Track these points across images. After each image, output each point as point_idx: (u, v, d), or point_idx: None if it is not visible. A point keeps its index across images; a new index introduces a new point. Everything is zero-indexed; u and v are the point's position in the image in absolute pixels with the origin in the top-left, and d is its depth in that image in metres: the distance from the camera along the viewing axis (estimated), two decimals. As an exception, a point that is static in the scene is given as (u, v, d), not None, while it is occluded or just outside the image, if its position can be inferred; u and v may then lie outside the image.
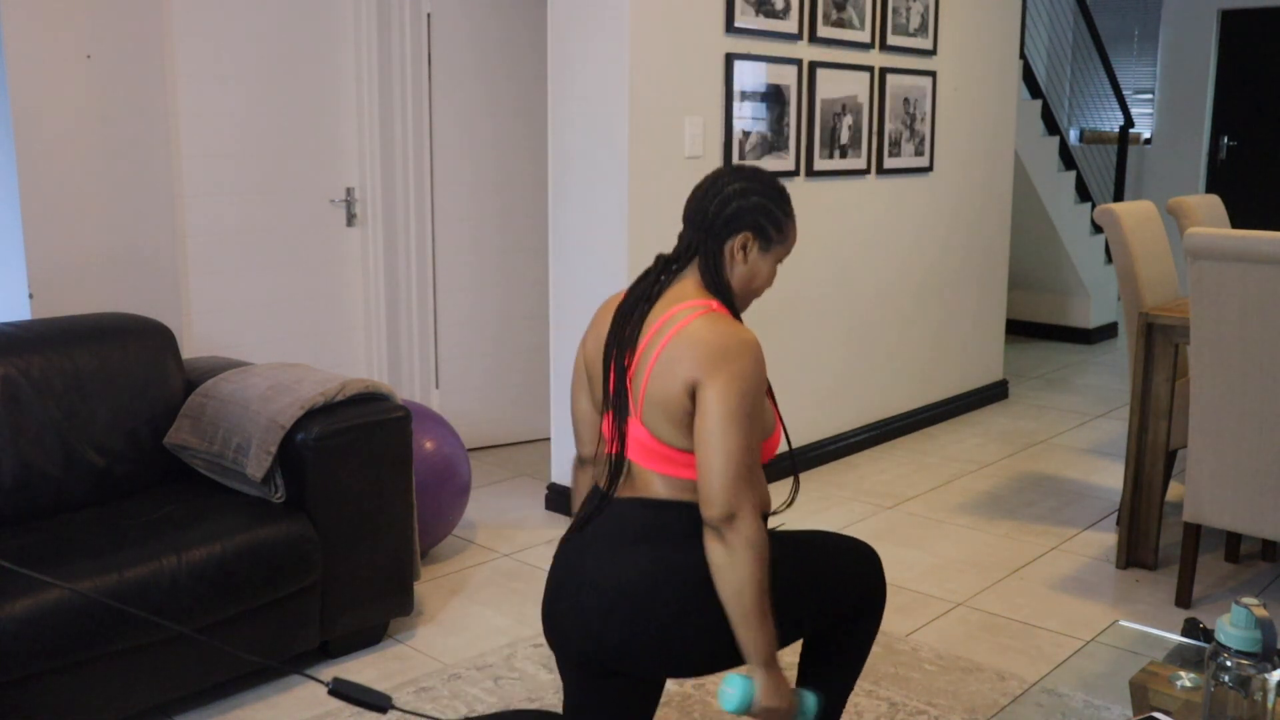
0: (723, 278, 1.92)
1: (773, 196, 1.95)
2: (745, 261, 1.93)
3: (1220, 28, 8.28)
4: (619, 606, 1.87)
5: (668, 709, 2.63)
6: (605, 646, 1.90)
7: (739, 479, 1.76)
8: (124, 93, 3.60)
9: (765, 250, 1.94)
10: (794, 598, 1.98)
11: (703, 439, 1.78)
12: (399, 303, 4.50)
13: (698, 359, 1.79)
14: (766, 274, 1.96)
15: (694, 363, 1.80)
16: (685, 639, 1.88)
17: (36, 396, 2.75)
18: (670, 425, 1.85)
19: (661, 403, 1.85)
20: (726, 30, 3.94)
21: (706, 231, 1.93)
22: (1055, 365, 6.63)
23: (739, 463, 1.76)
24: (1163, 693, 1.92)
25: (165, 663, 2.48)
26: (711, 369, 1.78)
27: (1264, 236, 2.86)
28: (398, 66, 4.32)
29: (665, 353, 1.84)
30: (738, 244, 1.92)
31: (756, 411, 1.81)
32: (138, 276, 3.70)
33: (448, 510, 3.42)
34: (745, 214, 1.92)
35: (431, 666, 2.86)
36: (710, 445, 1.77)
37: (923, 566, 3.54)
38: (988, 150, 5.44)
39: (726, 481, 1.76)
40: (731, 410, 1.76)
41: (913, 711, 2.63)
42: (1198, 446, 3.11)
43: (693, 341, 1.81)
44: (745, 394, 1.78)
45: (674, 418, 1.84)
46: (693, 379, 1.79)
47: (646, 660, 1.90)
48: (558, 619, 1.98)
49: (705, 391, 1.78)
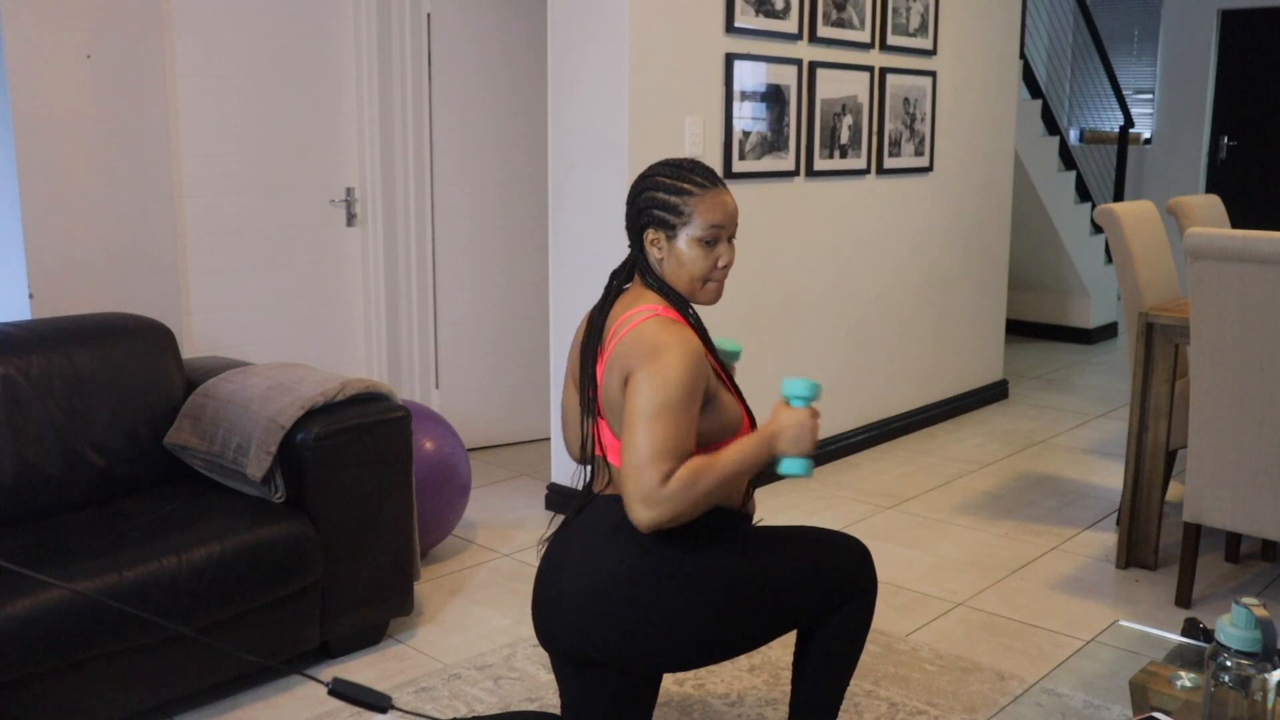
0: (654, 276, 2.00)
1: (659, 185, 1.98)
2: (664, 253, 1.99)
3: (1220, 28, 8.28)
4: (598, 599, 1.91)
5: (668, 709, 2.63)
6: (589, 640, 1.93)
7: (651, 462, 1.80)
8: (124, 93, 3.60)
9: (673, 236, 1.98)
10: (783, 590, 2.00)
11: (625, 425, 1.85)
12: (399, 303, 4.50)
13: (631, 355, 1.88)
14: (692, 257, 1.97)
15: (628, 359, 1.88)
16: (663, 630, 1.91)
17: (36, 396, 2.75)
18: (619, 422, 1.91)
19: (611, 402, 1.93)
20: (726, 30, 3.94)
21: (631, 239, 2.03)
22: (1055, 365, 6.63)
23: (652, 450, 1.80)
24: (1163, 693, 1.91)
25: (165, 663, 2.48)
26: (640, 363, 1.85)
27: (1264, 236, 2.86)
28: (398, 66, 4.32)
29: (613, 354, 1.92)
30: (649, 241, 2.00)
31: (684, 408, 1.84)
32: (138, 276, 3.70)
33: (448, 510, 3.42)
34: (640, 212, 2.00)
35: (431, 666, 2.86)
36: (628, 431, 1.83)
37: (923, 566, 3.54)
38: (988, 150, 5.44)
39: (638, 464, 1.80)
40: (649, 402, 1.82)
41: (913, 711, 2.63)
42: (1198, 446, 3.11)
43: (631, 341, 1.89)
44: (667, 387, 1.83)
45: (617, 414, 1.91)
46: (626, 373, 1.88)
47: (628, 653, 1.93)
48: (544, 616, 2.02)
49: (631, 382, 1.86)
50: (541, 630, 2.04)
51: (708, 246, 1.97)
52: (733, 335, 4.08)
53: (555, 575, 2.00)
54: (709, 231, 1.97)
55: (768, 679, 2.77)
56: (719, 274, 2.00)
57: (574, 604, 1.94)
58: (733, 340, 2.18)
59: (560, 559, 2.00)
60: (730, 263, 2.00)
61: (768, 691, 2.71)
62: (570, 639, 1.96)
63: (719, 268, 1.99)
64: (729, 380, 2.06)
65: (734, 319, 4.07)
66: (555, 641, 2.00)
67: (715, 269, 1.99)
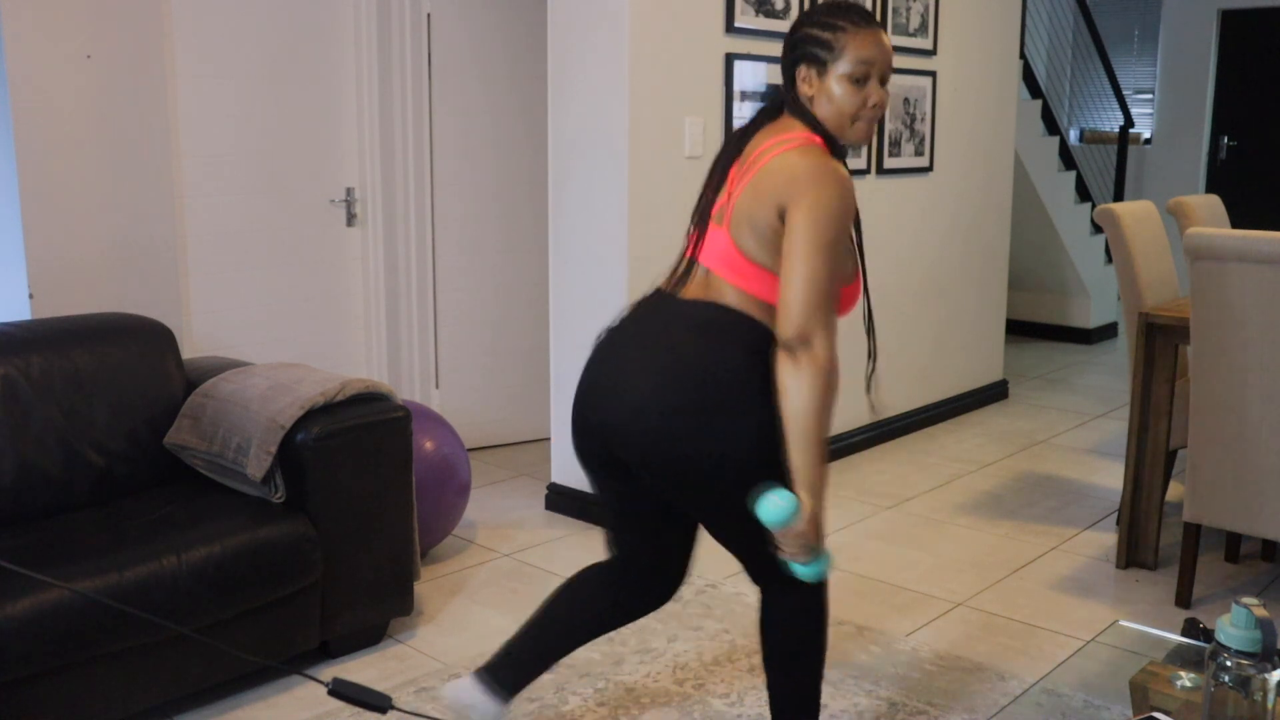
0: (803, 110, 2.00)
1: (814, 21, 2.00)
2: (815, 90, 1.99)
3: (1220, 28, 8.28)
4: (670, 377, 1.90)
5: (668, 709, 2.63)
6: (643, 417, 1.90)
7: (817, 303, 1.82)
8: (124, 93, 3.60)
9: (823, 74, 1.98)
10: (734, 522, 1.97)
11: (788, 260, 1.85)
12: (399, 303, 4.50)
13: (787, 182, 1.87)
14: (842, 94, 1.97)
15: (784, 186, 1.87)
16: (718, 432, 1.89)
17: (36, 396, 2.75)
18: (755, 241, 1.92)
19: (749, 218, 1.92)
20: (726, 30, 3.94)
21: (784, 78, 2.04)
22: (1055, 365, 6.63)
23: (819, 288, 1.83)
24: (1163, 693, 1.91)
25: (165, 663, 2.48)
26: (799, 194, 1.85)
27: (1264, 236, 2.86)
28: (398, 66, 4.32)
29: (760, 173, 1.92)
30: (800, 78, 2.00)
31: (839, 243, 1.86)
32: (138, 276, 3.70)
33: (448, 510, 3.42)
34: (793, 49, 2.01)
35: (431, 666, 2.86)
36: (794, 266, 1.84)
37: (923, 566, 3.54)
38: (988, 150, 5.44)
39: (805, 301, 1.82)
40: (817, 235, 1.83)
41: (913, 711, 2.63)
42: (1198, 446, 3.11)
43: (785, 165, 1.89)
44: (830, 221, 1.84)
45: (760, 235, 1.91)
46: (782, 201, 1.87)
47: (676, 448, 1.90)
48: (597, 395, 2.00)
49: (793, 215, 1.85)
50: (590, 413, 2.01)
51: (858, 85, 1.97)
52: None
53: (618, 354, 2.00)
54: (859, 68, 1.96)
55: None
56: (868, 113, 1.99)
57: (643, 377, 1.92)
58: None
59: (627, 340, 2.00)
60: (880, 103, 1.98)
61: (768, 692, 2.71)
62: (622, 414, 1.93)
63: (869, 106, 1.98)
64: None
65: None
66: (607, 425, 1.97)
67: (865, 107, 1.98)
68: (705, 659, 2.88)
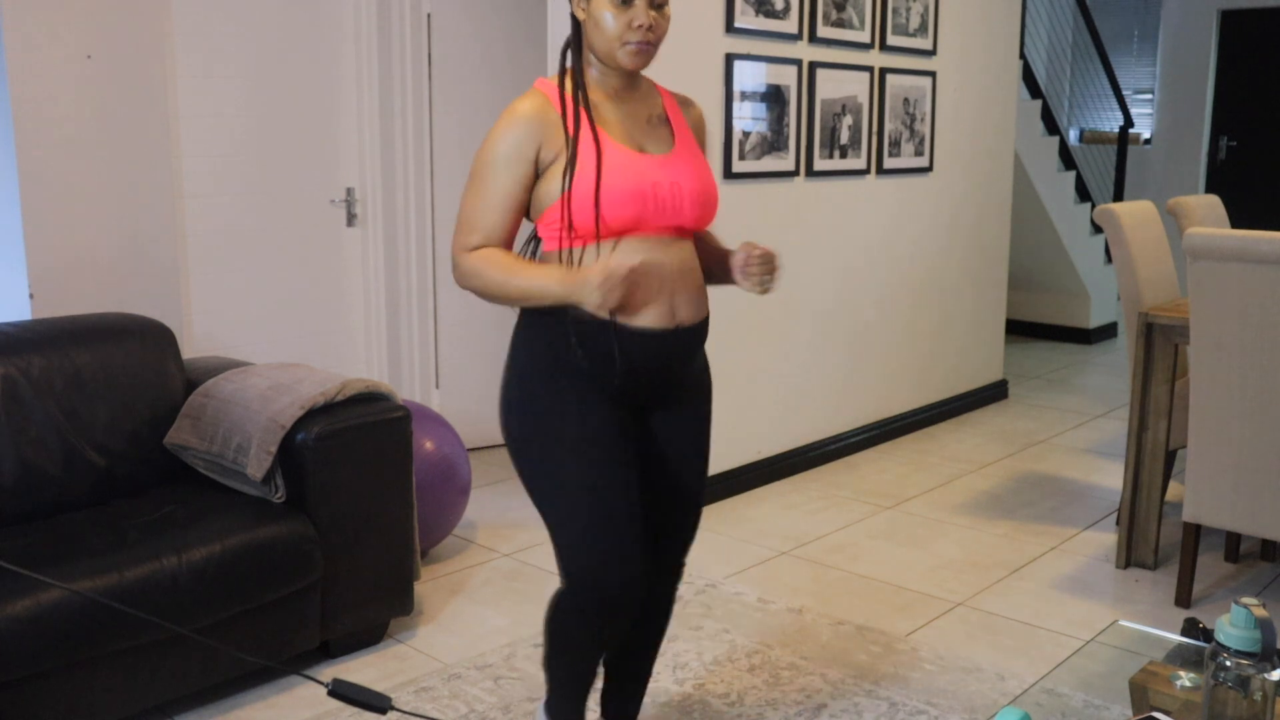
0: (569, 41, 2.02)
1: None
2: (585, 15, 1.96)
3: (1220, 28, 8.28)
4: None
5: (668, 709, 2.63)
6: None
7: (458, 229, 2.01)
8: (124, 93, 3.60)
9: None
10: (543, 487, 2.05)
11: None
12: (399, 303, 4.50)
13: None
14: (607, 18, 1.91)
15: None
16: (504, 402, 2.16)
17: (36, 396, 2.75)
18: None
19: None
20: (726, 30, 3.94)
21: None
22: (1055, 365, 6.63)
23: (460, 217, 2.03)
24: (1162, 693, 1.92)
25: (165, 663, 2.48)
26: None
27: (1264, 236, 2.86)
28: (398, 66, 4.32)
29: None
30: (575, 6, 1.98)
31: (487, 174, 1.99)
32: (138, 276, 3.70)
33: (448, 510, 3.42)
34: None
35: (431, 666, 2.86)
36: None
37: (923, 566, 3.54)
38: (988, 150, 5.44)
39: (455, 227, 2.03)
40: (471, 169, 2.02)
41: (913, 711, 2.63)
42: (1198, 446, 3.11)
43: None
44: (479, 155, 2.00)
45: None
46: None
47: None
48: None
49: None
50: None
51: (623, 5, 1.90)
52: (733, 335, 4.08)
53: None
54: None
55: (768, 679, 2.77)
56: (635, 34, 1.90)
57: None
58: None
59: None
60: (648, 25, 1.89)
61: (768, 692, 2.71)
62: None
63: (633, 27, 1.90)
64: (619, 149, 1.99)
65: (734, 319, 4.07)
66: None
67: (629, 29, 1.90)
68: (705, 659, 2.89)
